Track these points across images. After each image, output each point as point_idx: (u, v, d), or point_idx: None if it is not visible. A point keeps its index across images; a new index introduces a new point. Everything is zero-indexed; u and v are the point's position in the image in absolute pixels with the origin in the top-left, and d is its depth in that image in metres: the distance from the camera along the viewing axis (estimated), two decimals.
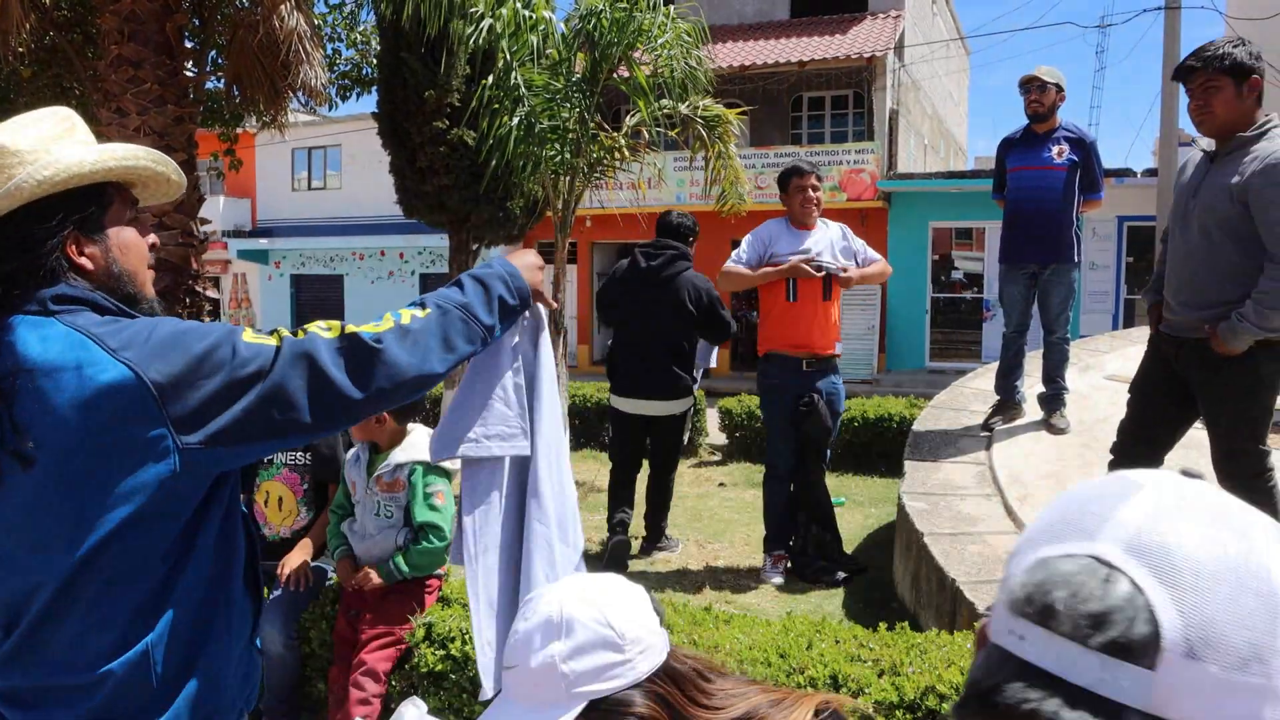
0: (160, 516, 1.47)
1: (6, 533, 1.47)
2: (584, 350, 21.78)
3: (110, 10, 7.33)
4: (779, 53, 19.64)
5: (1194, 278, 3.46)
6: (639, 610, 1.30)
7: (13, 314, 1.48)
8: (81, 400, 1.40)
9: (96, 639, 1.48)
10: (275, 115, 9.15)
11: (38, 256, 1.51)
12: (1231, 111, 3.29)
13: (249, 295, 26.51)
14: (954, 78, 28.61)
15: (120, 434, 1.41)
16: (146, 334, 1.47)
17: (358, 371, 1.54)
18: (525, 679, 1.27)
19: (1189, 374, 3.55)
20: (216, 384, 1.45)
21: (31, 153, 1.52)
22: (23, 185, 1.48)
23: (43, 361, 1.42)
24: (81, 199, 1.55)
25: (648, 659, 1.28)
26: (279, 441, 1.55)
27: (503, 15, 7.20)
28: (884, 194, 18.82)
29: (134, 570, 1.48)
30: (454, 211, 10.29)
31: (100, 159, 1.56)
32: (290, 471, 3.72)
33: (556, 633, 1.26)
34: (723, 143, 8.26)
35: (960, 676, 2.38)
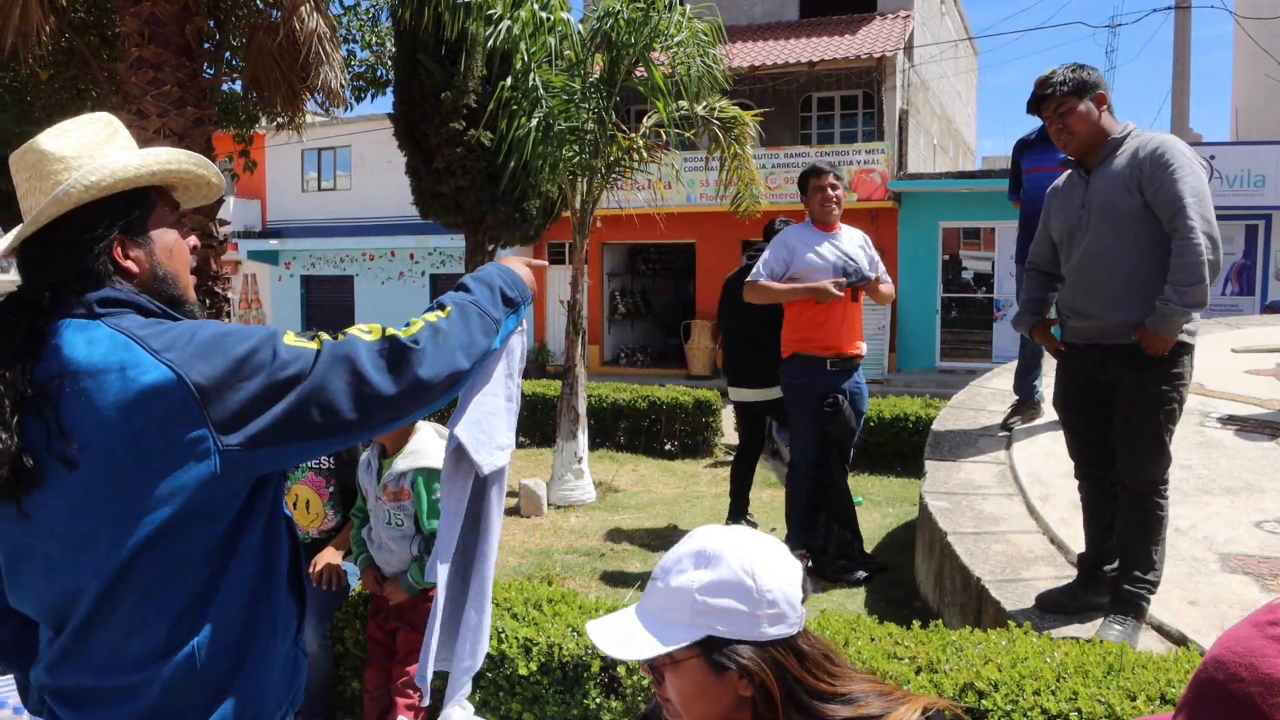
0: (201, 518, 1.48)
1: (50, 535, 1.48)
2: (595, 350, 21.81)
3: (131, 13, 7.38)
4: (789, 53, 19.66)
5: (1110, 280, 3.41)
6: (786, 580, 1.35)
7: (60, 318, 1.49)
8: (124, 402, 1.42)
9: (140, 640, 1.49)
10: (292, 117, 9.19)
11: (85, 260, 1.52)
12: (1088, 126, 3.44)
13: (259, 296, 26.59)
14: (962, 78, 28.60)
15: (162, 435, 1.43)
16: (189, 336, 1.48)
17: (397, 373, 1.55)
18: (661, 595, 1.37)
19: (1118, 377, 3.44)
20: (257, 386, 1.46)
21: (76, 158, 1.54)
22: (70, 190, 1.50)
23: (87, 364, 1.43)
24: (127, 203, 1.57)
25: (775, 627, 1.33)
26: (320, 443, 1.55)
27: (520, 17, 7.23)
28: (894, 194, 18.83)
29: (176, 572, 1.49)
30: (470, 212, 10.33)
31: (144, 163, 1.58)
32: (315, 475, 3.74)
33: (703, 563, 1.34)
34: (739, 144, 8.29)
35: (997, 673, 2.42)
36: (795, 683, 1.33)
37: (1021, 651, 2.56)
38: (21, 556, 1.53)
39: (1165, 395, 3.37)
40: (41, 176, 1.53)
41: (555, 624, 3.07)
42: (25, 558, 1.53)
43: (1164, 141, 3.37)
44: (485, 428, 2.08)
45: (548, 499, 7.84)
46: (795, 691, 1.32)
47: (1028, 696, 2.32)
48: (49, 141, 1.55)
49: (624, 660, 1.43)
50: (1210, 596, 3.59)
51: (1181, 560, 3.88)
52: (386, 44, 11.73)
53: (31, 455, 1.43)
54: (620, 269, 23.13)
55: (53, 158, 1.53)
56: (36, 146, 1.54)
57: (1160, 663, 2.48)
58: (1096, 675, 2.40)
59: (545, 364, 21.54)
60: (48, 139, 1.55)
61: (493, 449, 2.08)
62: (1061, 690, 2.34)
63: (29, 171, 1.54)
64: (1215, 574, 3.76)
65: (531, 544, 6.60)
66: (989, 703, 2.33)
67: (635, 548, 6.44)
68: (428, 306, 1.70)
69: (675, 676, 1.36)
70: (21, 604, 1.57)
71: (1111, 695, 2.30)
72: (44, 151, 1.54)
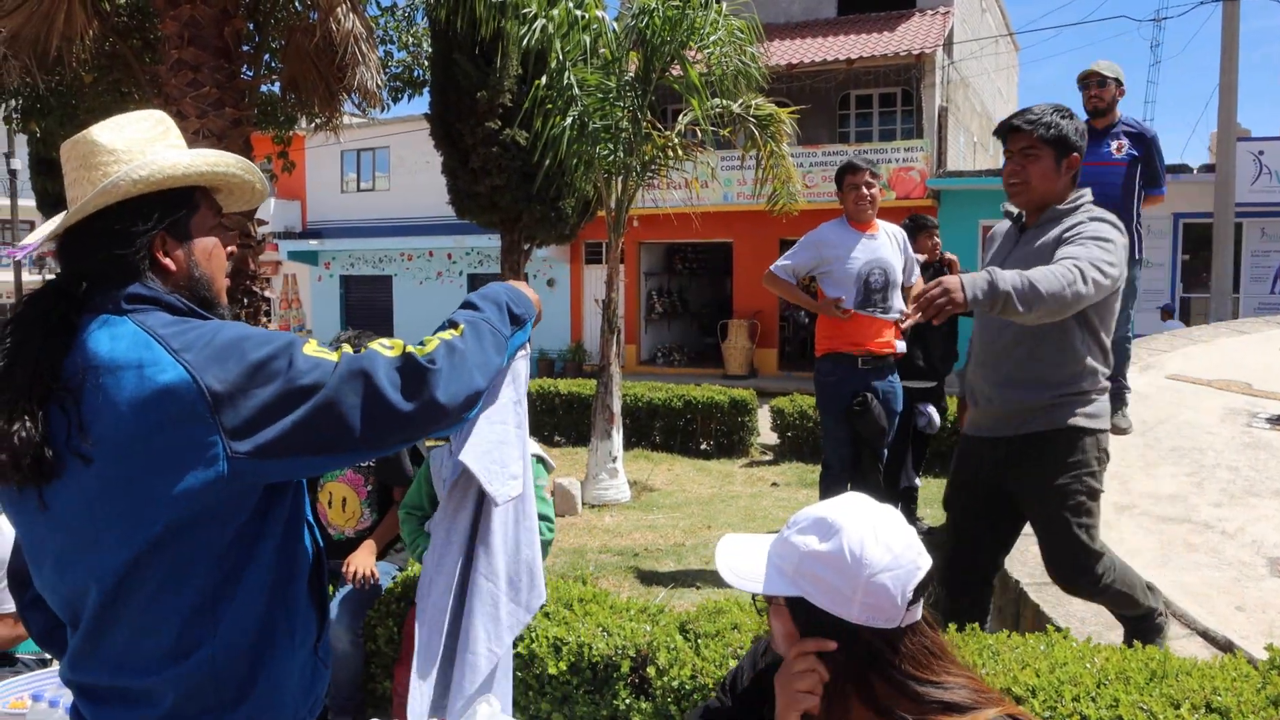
0: (209, 521, 1.47)
1: (64, 531, 1.48)
2: (631, 350, 21.80)
3: (170, 16, 7.47)
4: (827, 51, 19.53)
5: (1008, 357, 3.07)
6: (896, 576, 1.37)
7: (92, 311, 1.50)
8: (139, 400, 1.41)
9: (152, 641, 1.49)
10: (329, 117, 9.27)
11: (125, 253, 1.52)
12: (1048, 185, 3.04)
13: (299, 296, 26.87)
14: (1003, 74, 28.25)
15: (172, 436, 1.41)
16: (209, 337, 1.47)
17: (413, 392, 1.50)
18: (781, 543, 1.45)
19: (1013, 469, 3.07)
20: (270, 394, 1.44)
21: (127, 152, 1.55)
22: (119, 183, 1.50)
23: (109, 359, 1.43)
24: (173, 201, 1.57)
25: (868, 617, 1.37)
26: (330, 458, 1.51)
27: (555, 15, 7.23)
28: (933, 192, 18.63)
29: (184, 574, 1.47)
30: (506, 211, 10.35)
31: (193, 163, 1.58)
32: (354, 474, 3.74)
33: (821, 531, 1.41)
34: (775, 142, 8.23)
35: (1035, 678, 2.36)
36: (888, 666, 1.38)
37: (1061, 656, 2.50)
38: (41, 552, 1.54)
39: (1068, 489, 2.96)
40: (91, 167, 1.53)
41: (585, 623, 3.05)
42: (43, 553, 1.54)
43: (1100, 225, 2.92)
44: (497, 457, 2.04)
45: (582, 498, 7.84)
46: (888, 671, 1.38)
47: (1066, 703, 2.26)
48: (101, 134, 1.56)
49: (724, 578, 1.49)
50: (1258, 601, 3.49)
51: (1228, 564, 3.78)
52: (423, 44, 11.78)
53: (52, 448, 1.43)
54: (657, 268, 23.11)
55: (104, 149, 1.54)
56: (89, 138, 1.55)
57: (1205, 669, 2.41)
58: (1139, 682, 2.33)
59: (582, 363, 21.57)
60: (100, 131, 1.56)
61: (505, 478, 2.05)
62: (1102, 697, 2.28)
63: (79, 161, 1.55)
64: (1264, 578, 3.66)
65: (565, 543, 6.59)
66: (1027, 709, 2.27)
67: (669, 547, 6.41)
68: (441, 324, 1.66)
69: (775, 616, 1.48)
70: (45, 597, 1.59)
71: (1154, 703, 2.23)
72: (95, 143, 1.55)
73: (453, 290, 24.23)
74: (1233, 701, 2.21)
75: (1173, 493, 4.49)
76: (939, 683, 1.38)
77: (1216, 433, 5.12)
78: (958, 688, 1.38)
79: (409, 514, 3.45)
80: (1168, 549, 3.97)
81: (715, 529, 6.86)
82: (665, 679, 2.74)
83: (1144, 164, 5.15)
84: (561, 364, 21.95)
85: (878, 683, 1.38)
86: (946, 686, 1.38)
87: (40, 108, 10.82)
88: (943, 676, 1.39)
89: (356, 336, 3.70)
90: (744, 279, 20.10)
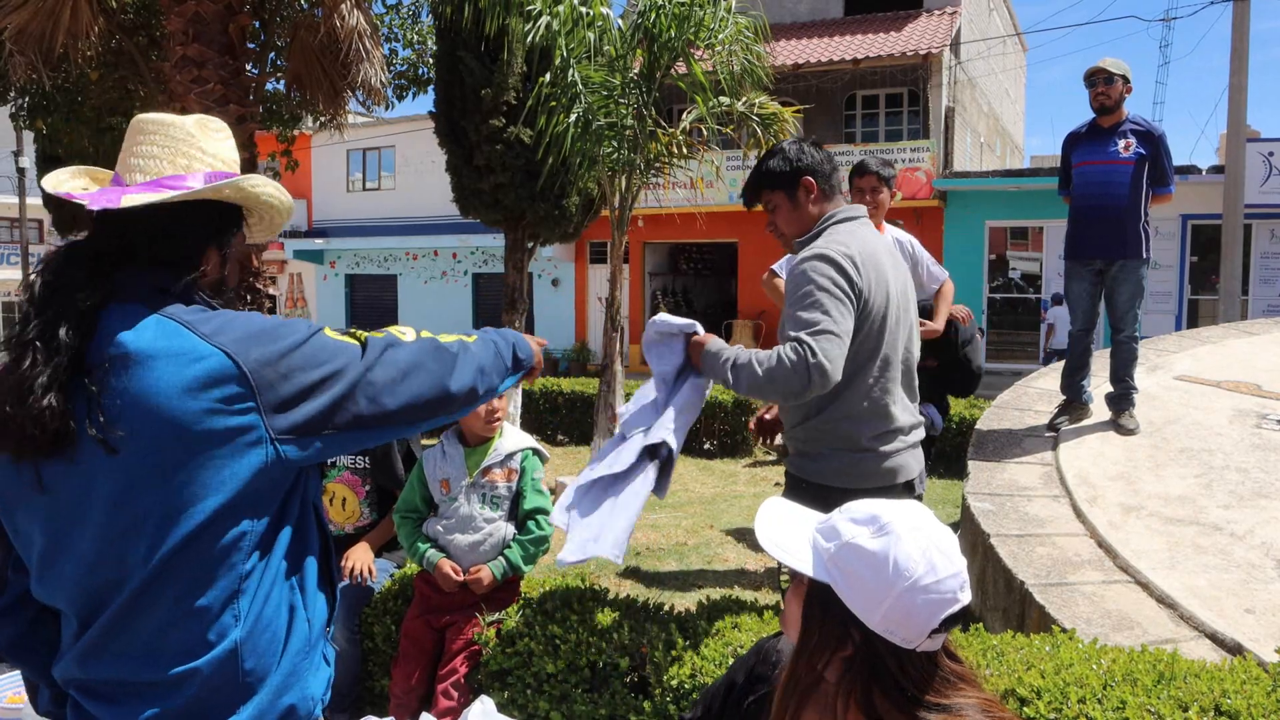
0: (250, 507, 1.47)
1: (90, 525, 1.44)
2: (635, 350, 21.77)
3: (176, 12, 7.46)
4: (833, 51, 19.49)
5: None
6: (928, 600, 1.31)
7: (118, 299, 1.48)
8: (179, 387, 1.40)
9: (180, 633, 1.46)
10: (334, 115, 9.25)
11: (182, 248, 1.57)
12: (795, 223, 2.89)
13: (304, 295, 26.88)
14: (1011, 75, 28.17)
15: (216, 422, 1.41)
16: (241, 323, 1.50)
17: (437, 372, 1.62)
18: (826, 526, 1.41)
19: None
20: (307, 377, 1.49)
21: (214, 157, 1.61)
22: (224, 188, 1.58)
23: (136, 349, 1.41)
24: (233, 214, 1.65)
25: (888, 629, 1.31)
26: (365, 434, 1.57)
27: (560, 12, 7.20)
28: (940, 193, 18.59)
29: (221, 563, 1.46)
30: (510, 209, 10.32)
31: (274, 194, 1.67)
32: (352, 474, 3.72)
33: (873, 527, 1.35)
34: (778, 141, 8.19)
35: (1040, 679, 2.32)
36: (891, 683, 1.33)
37: (1066, 658, 2.46)
38: (59, 547, 1.48)
39: None
40: (181, 154, 1.58)
41: (585, 622, 3.01)
42: (62, 548, 1.48)
43: (808, 257, 2.72)
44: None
45: None
46: (888, 687, 1.33)
47: (1072, 705, 2.22)
48: (198, 131, 1.62)
49: (759, 538, 1.45)
50: (1267, 604, 3.45)
51: (1237, 566, 3.74)
52: (428, 42, 11.77)
53: (76, 424, 1.41)
54: (662, 268, 23.09)
55: (197, 144, 1.60)
56: (188, 129, 1.60)
57: (1215, 672, 2.37)
58: (1146, 684, 2.29)
59: (585, 362, 21.55)
60: (197, 128, 1.62)
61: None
62: (1108, 699, 2.24)
63: (170, 143, 1.58)
64: (1273, 581, 3.62)
65: None
66: (1031, 710, 2.23)
67: (671, 546, 6.38)
68: (455, 335, 1.79)
69: (794, 594, 1.44)
70: (53, 596, 1.52)
71: (1162, 705, 2.19)
72: (193, 135, 1.60)
73: (458, 289, 24.22)
74: (1242, 704, 2.17)
75: (1181, 494, 4.44)
76: (945, 705, 1.32)
77: (1225, 434, 5.07)
78: (964, 708, 1.32)
79: (404, 517, 3.40)
80: (1176, 551, 3.92)
81: (717, 528, 6.82)
82: (664, 678, 2.70)
83: (1152, 163, 5.10)
84: (565, 363, 21.94)
85: (878, 695, 1.33)
86: (953, 709, 1.32)
87: (46, 105, 10.83)
88: (953, 699, 1.33)
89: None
90: (749, 279, 20.06)
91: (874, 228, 3.09)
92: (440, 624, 3.27)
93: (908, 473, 2.86)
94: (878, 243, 2.88)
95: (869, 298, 2.70)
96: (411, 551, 3.33)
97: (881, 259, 2.82)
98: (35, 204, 24.57)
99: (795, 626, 1.43)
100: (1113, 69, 5.07)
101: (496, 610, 3.20)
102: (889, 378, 2.80)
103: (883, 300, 2.75)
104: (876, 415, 2.79)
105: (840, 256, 2.67)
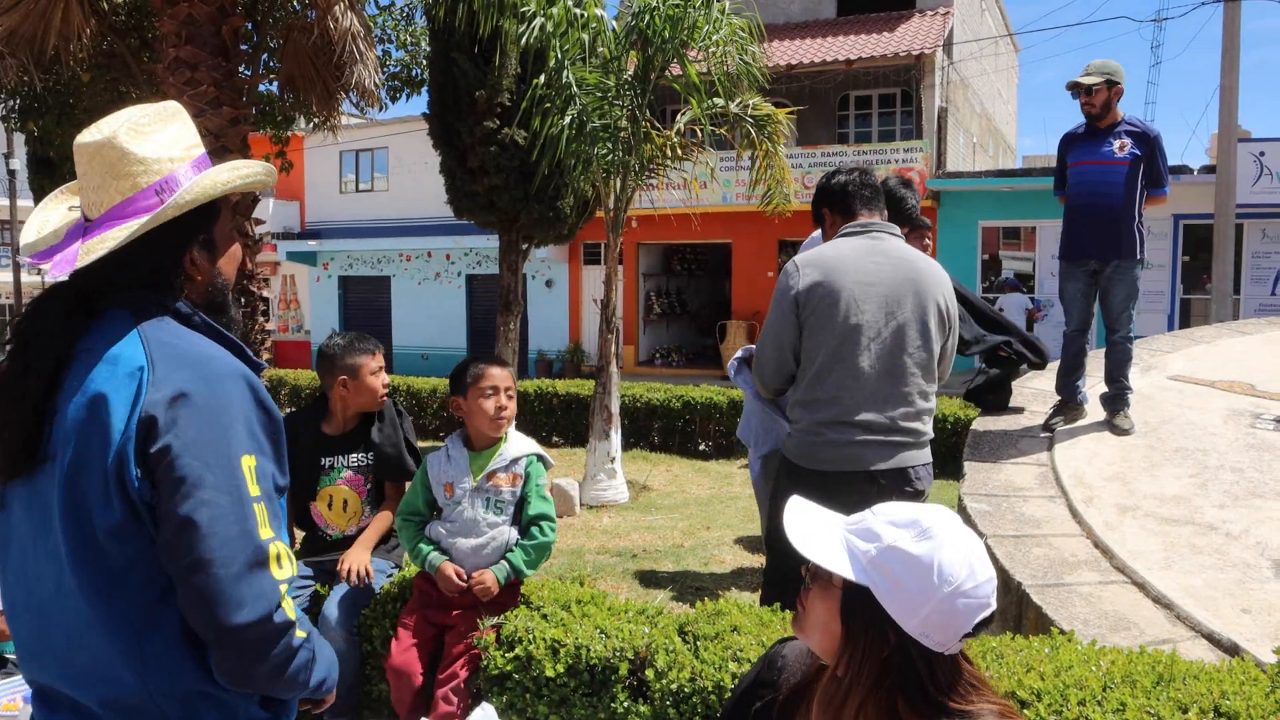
0: (139, 528, 1.45)
1: (23, 526, 1.50)
2: (630, 351, 21.77)
3: (168, 14, 7.43)
4: (826, 51, 19.50)
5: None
6: (965, 607, 1.31)
7: (107, 311, 1.52)
8: (98, 395, 1.43)
9: (94, 646, 1.47)
10: (327, 117, 9.23)
11: (165, 269, 1.56)
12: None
13: (297, 297, 26.83)
14: (1003, 75, 28.23)
15: (106, 442, 1.43)
16: (198, 378, 1.47)
17: (251, 616, 1.45)
18: (861, 528, 1.38)
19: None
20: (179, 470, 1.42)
21: (157, 161, 1.54)
22: (166, 211, 1.51)
23: (103, 356, 1.47)
24: (204, 213, 1.59)
25: (924, 633, 1.31)
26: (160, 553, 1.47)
27: (553, 14, 7.19)
28: (933, 193, 18.61)
29: (124, 578, 1.46)
30: (504, 211, 10.30)
31: (230, 180, 1.59)
32: (354, 474, 3.68)
33: (916, 531, 1.34)
34: (771, 142, 8.20)
35: (1040, 681, 2.32)
36: (919, 686, 1.32)
37: (1066, 659, 2.46)
38: (3, 550, 1.56)
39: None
40: (119, 176, 1.52)
41: (584, 625, 3.01)
42: (5, 551, 1.56)
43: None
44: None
45: (580, 499, 7.80)
46: (916, 692, 1.33)
47: (1072, 707, 2.23)
48: (129, 141, 1.53)
49: (789, 536, 1.41)
50: (1264, 604, 3.46)
51: (1233, 566, 3.75)
52: (421, 43, 11.74)
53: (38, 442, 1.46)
54: (656, 269, 23.09)
55: (133, 158, 1.53)
56: (116, 145, 1.52)
57: (1213, 673, 2.37)
58: (1145, 685, 2.30)
59: (580, 364, 21.53)
60: (128, 138, 1.53)
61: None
62: (1108, 701, 2.24)
63: (106, 170, 1.53)
64: (1269, 580, 3.63)
65: (563, 544, 6.55)
66: (1032, 713, 2.23)
67: (668, 548, 6.38)
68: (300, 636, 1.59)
69: (818, 596, 1.40)
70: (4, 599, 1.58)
71: (1162, 707, 2.19)
72: (125, 151, 1.52)
73: (452, 291, 24.19)
74: (1241, 705, 2.17)
75: (1176, 494, 4.45)
76: (968, 712, 1.33)
77: (1220, 434, 5.08)
78: (983, 714, 1.33)
79: (406, 520, 3.38)
80: (1171, 551, 3.93)
81: (714, 530, 6.82)
82: (664, 681, 2.70)
83: (1146, 163, 5.10)
84: (560, 364, 21.92)
85: (901, 700, 1.33)
86: (974, 716, 1.33)
87: (38, 107, 10.79)
88: (976, 704, 1.34)
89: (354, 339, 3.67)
90: (742, 280, 20.07)
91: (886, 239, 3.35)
92: (440, 622, 3.26)
93: (865, 463, 3.12)
94: (858, 254, 3.22)
95: (815, 302, 3.13)
96: (414, 554, 3.32)
97: (848, 266, 3.17)
98: (26, 205, 24.48)
99: (818, 630, 1.40)
100: (1089, 79, 5.04)
101: (496, 613, 3.20)
102: (845, 373, 3.12)
103: (837, 305, 3.12)
104: (831, 406, 3.13)
105: (789, 265, 3.26)
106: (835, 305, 3.10)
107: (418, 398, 12.29)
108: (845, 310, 3.10)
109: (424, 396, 12.26)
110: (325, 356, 3.64)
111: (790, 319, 3.16)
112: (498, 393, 3.26)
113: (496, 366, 3.32)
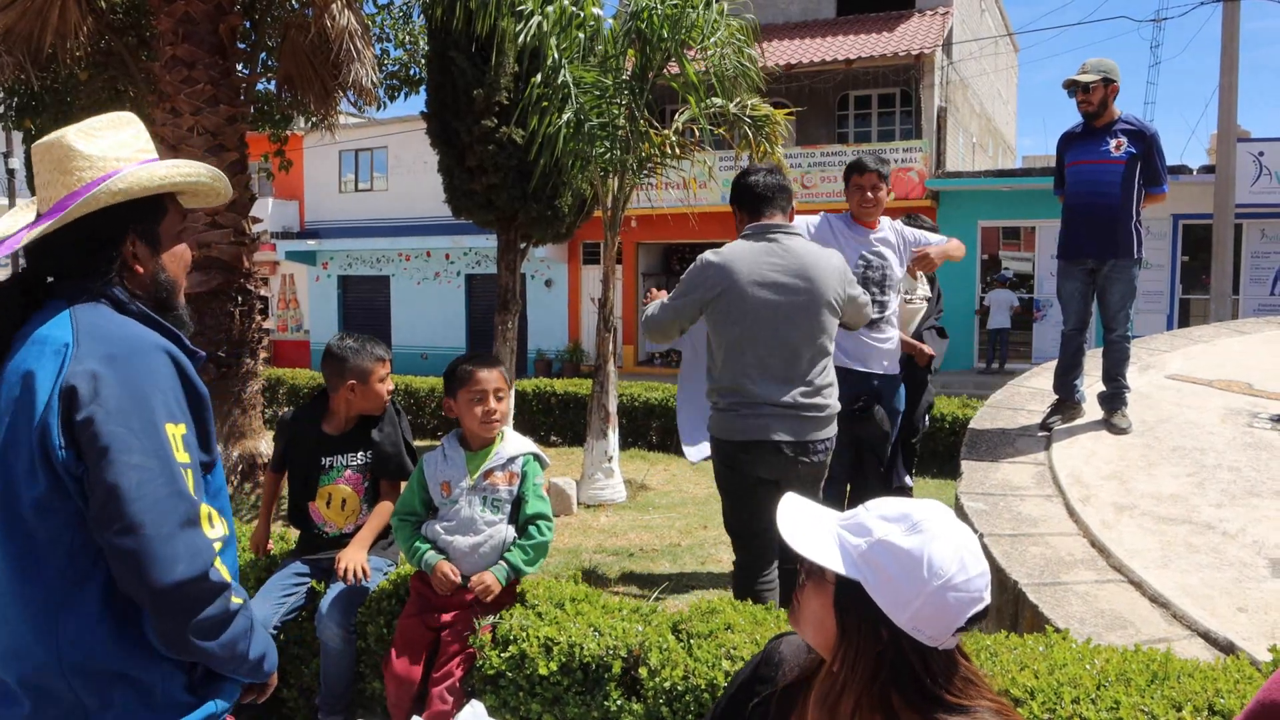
0: (63, 502, 1.48)
1: None
2: (629, 351, 21.77)
3: (165, 12, 7.42)
4: (825, 51, 19.50)
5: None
6: (956, 600, 1.31)
7: (50, 300, 1.60)
8: (20, 376, 1.50)
9: (22, 621, 1.50)
10: (325, 115, 9.21)
11: (99, 256, 1.61)
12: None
13: (296, 296, 26.83)
14: (1002, 75, 28.23)
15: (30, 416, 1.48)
16: (120, 358, 1.51)
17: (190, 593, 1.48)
18: (853, 523, 1.38)
19: None
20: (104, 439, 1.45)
21: (102, 159, 1.62)
22: (99, 195, 1.58)
23: (34, 337, 1.53)
24: (144, 207, 1.66)
25: (916, 627, 1.30)
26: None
27: (550, 12, 7.18)
28: (932, 193, 18.62)
29: (44, 555, 1.49)
30: (502, 210, 10.28)
31: (168, 175, 1.66)
32: (354, 473, 3.67)
33: (906, 525, 1.34)
34: (769, 143, 8.20)
35: (1034, 680, 2.31)
36: (913, 682, 1.32)
37: (1060, 658, 2.45)
38: None
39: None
40: (66, 172, 1.61)
41: (577, 623, 3.00)
42: None
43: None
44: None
45: (578, 498, 7.79)
46: (911, 687, 1.32)
47: (1066, 705, 2.22)
48: (77, 140, 1.62)
49: (783, 533, 1.42)
50: (1260, 603, 3.45)
51: (1229, 565, 3.74)
52: (419, 42, 11.72)
53: None
54: (655, 269, 23.09)
55: (79, 155, 1.61)
56: (64, 143, 1.62)
57: (1208, 672, 2.36)
58: (1139, 684, 2.29)
59: (578, 363, 21.53)
60: (76, 138, 1.63)
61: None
62: (1102, 699, 2.23)
63: (54, 166, 1.62)
64: (1265, 579, 3.62)
65: (560, 543, 6.54)
66: (1025, 711, 2.22)
67: (665, 547, 6.37)
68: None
69: (812, 591, 1.40)
70: None
71: (1156, 705, 2.19)
72: (71, 148, 1.61)
73: (451, 290, 24.18)
74: (1236, 704, 2.17)
75: (1174, 493, 4.44)
76: (964, 707, 1.32)
77: (1217, 433, 5.07)
78: (980, 711, 1.33)
79: (402, 520, 3.37)
80: (1169, 550, 3.92)
81: (711, 529, 6.81)
82: (657, 680, 2.69)
83: (1144, 162, 5.09)
84: (558, 364, 21.91)
85: (896, 695, 1.33)
86: (971, 712, 1.32)
87: (35, 105, 10.77)
88: (973, 700, 1.34)
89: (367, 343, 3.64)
90: None
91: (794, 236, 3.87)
92: (436, 623, 3.25)
93: (769, 433, 3.65)
94: (755, 255, 3.74)
95: (716, 299, 3.69)
96: (410, 554, 3.31)
97: (747, 267, 3.70)
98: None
99: (814, 625, 1.40)
100: (1086, 77, 5.03)
101: (492, 612, 3.19)
102: (747, 359, 3.69)
103: (739, 301, 3.66)
104: (738, 391, 3.71)
105: (702, 259, 3.80)
106: (735, 302, 3.67)
107: (416, 397, 12.29)
108: (744, 307, 3.67)
109: (423, 396, 12.26)
110: (335, 358, 3.60)
111: (694, 309, 3.78)
112: (486, 396, 3.24)
113: (485, 369, 3.29)
